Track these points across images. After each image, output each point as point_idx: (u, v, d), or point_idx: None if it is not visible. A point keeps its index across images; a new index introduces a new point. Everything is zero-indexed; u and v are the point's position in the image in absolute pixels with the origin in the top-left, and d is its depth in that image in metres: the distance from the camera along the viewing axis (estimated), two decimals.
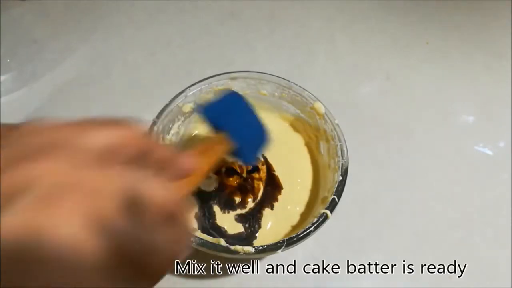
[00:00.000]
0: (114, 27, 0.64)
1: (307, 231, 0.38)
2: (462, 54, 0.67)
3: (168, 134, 0.46)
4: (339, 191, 0.41)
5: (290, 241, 0.38)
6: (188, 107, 0.46)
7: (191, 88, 0.46)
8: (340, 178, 0.42)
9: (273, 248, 0.37)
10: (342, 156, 0.43)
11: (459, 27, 0.70)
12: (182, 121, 0.48)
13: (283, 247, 0.37)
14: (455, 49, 0.67)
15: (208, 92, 0.47)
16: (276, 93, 0.48)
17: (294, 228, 0.45)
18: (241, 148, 0.31)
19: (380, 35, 0.68)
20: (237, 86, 0.48)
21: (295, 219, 0.45)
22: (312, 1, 0.71)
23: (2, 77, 0.57)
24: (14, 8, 0.63)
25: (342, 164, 0.43)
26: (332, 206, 0.40)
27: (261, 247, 0.37)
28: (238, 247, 0.37)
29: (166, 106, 0.44)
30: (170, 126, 0.46)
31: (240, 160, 0.33)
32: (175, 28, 0.65)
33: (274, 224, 0.45)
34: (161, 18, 0.66)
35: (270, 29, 0.67)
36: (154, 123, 0.43)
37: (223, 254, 0.37)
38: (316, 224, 0.39)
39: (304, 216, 0.46)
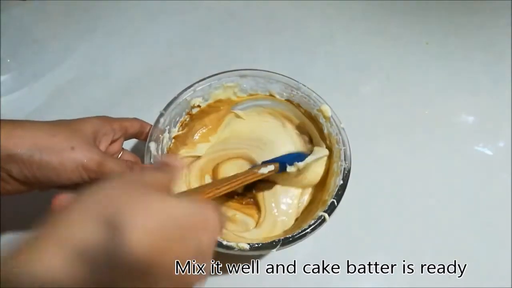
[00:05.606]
0: (114, 27, 0.64)
1: (304, 233, 0.39)
2: (462, 54, 0.67)
3: (175, 126, 0.46)
4: (339, 195, 0.41)
5: (285, 241, 0.38)
6: (196, 101, 0.46)
7: (200, 82, 0.46)
8: (341, 182, 0.42)
9: (268, 246, 0.38)
10: (345, 160, 0.43)
11: (459, 27, 0.70)
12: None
13: (278, 246, 0.38)
14: (455, 49, 0.67)
15: (217, 88, 0.47)
16: (284, 93, 0.48)
17: (292, 228, 0.45)
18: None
19: (380, 35, 0.68)
20: (246, 84, 0.48)
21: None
22: (312, 1, 0.70)
23: (2, 77, 0.57)
24: (14, 8, 0.63)
25: (344, 168, 0.43)
26: (331, 209, 0.40)
27: (256, 245, 0.38)
28: (233, 243, 0.37)
29: (175, 98, 0.44)
30: (177, 119, 0.46)
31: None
32: (175, 28, 0.65)
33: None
34: (161, 18, 0.66)
35: (270, 29, 0.67)
36: (161, 115, 0.43)
37: (217, 249, 0.37)
38: (313, 226, 0.39)
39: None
